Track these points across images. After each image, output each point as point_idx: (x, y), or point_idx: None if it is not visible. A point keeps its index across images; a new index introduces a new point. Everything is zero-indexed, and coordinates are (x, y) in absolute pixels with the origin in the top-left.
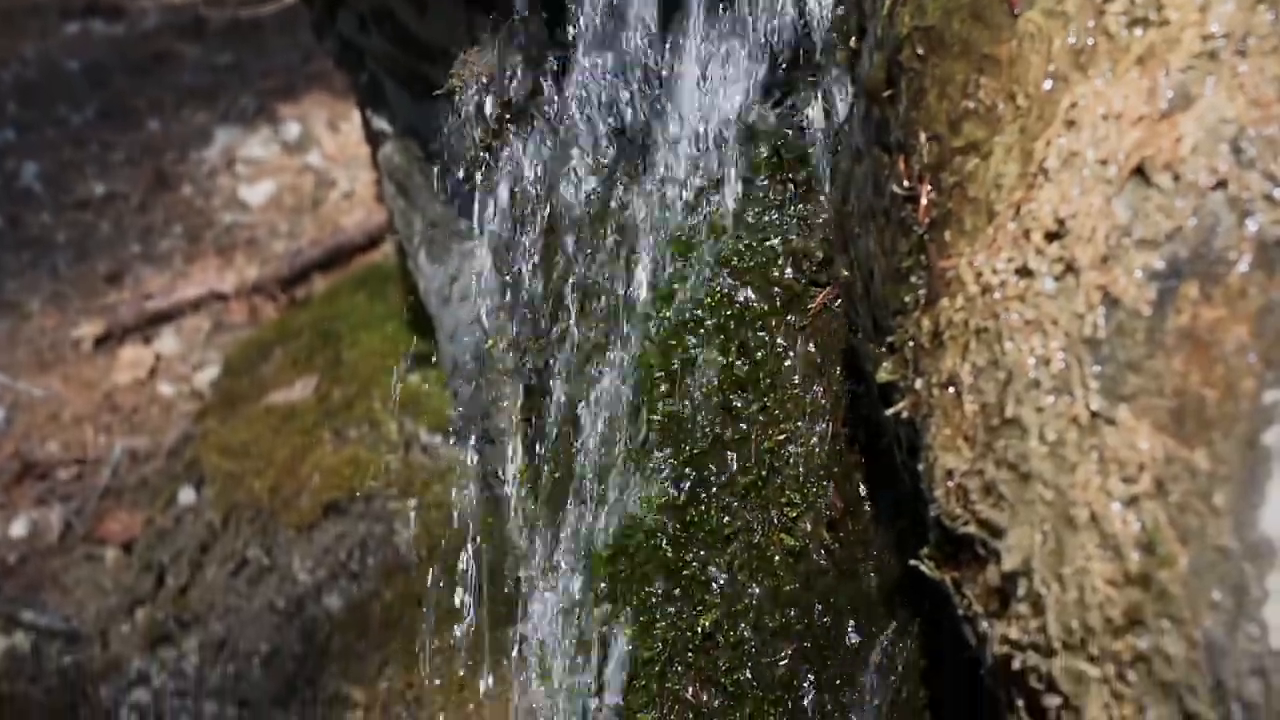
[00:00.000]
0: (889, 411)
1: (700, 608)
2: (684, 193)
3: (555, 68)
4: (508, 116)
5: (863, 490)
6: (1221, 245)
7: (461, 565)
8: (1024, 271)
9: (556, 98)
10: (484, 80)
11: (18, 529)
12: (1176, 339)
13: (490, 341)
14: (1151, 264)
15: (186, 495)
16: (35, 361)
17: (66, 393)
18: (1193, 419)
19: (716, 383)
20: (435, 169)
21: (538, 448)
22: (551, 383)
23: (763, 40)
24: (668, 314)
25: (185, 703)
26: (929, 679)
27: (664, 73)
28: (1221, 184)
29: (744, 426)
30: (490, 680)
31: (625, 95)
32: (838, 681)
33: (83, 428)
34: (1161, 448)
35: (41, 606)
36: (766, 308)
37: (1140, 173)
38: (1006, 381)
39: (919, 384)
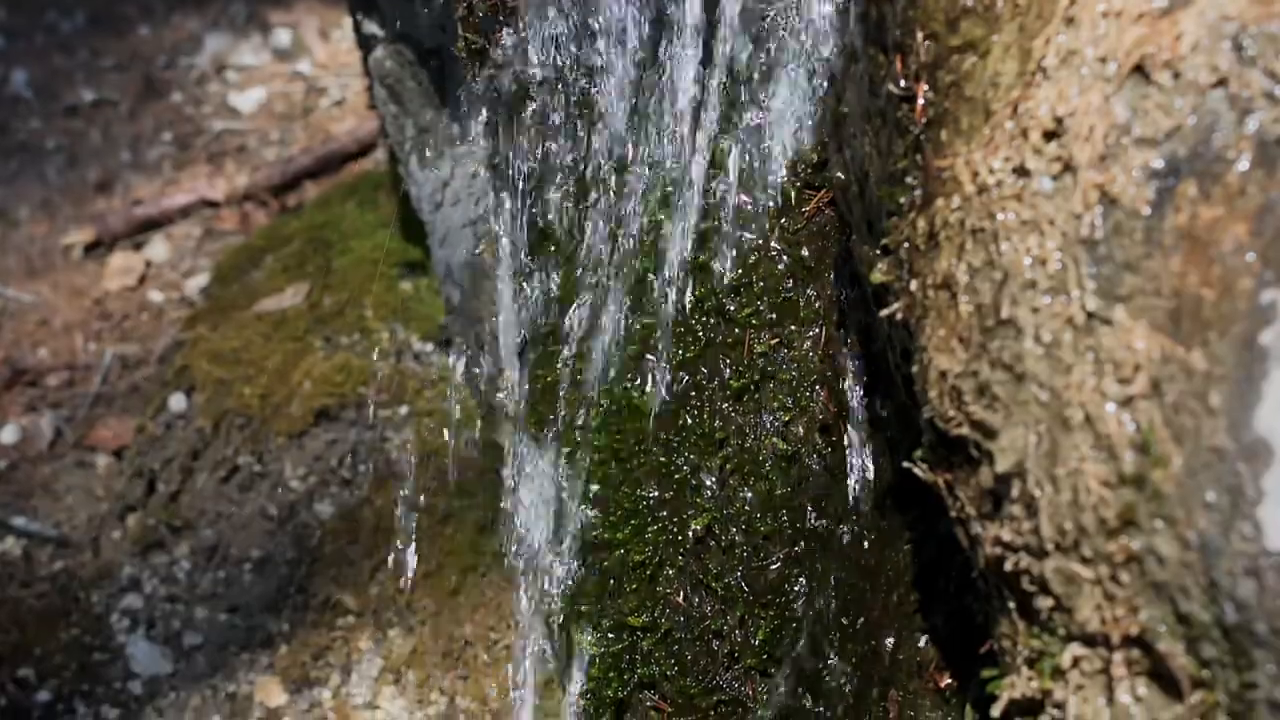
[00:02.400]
0: (883, 314)
1: (691, 512)
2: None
3: None
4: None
5: (855, 394)
6: (1221, 144)
7: (451, 471)
8: (1021, 171)
9: None
10: None
11: (8, 435)
12: (1174, 238)
13: (482, 246)
14: (1150, 163)
15: (177, 402)
16: (25, 269)
17: (56, 300)
18: (1189, 319)
19: (710, 286)
20: (428, 72)
21: (529, 353)
22: (544, 286)
23: None
24: (662, 217)
25: (176, 608)
26: (921, 583)
27: None
28: (1222, 82)
29: (737, 331)
30: (483, 586)
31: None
32: (829, 586)
33: (73, 335)
34: (1158, 348)
35: (32, 513)
36: (761, 211)
37: (1140, 71)
38: (1002, 282)
39: (913, 285)
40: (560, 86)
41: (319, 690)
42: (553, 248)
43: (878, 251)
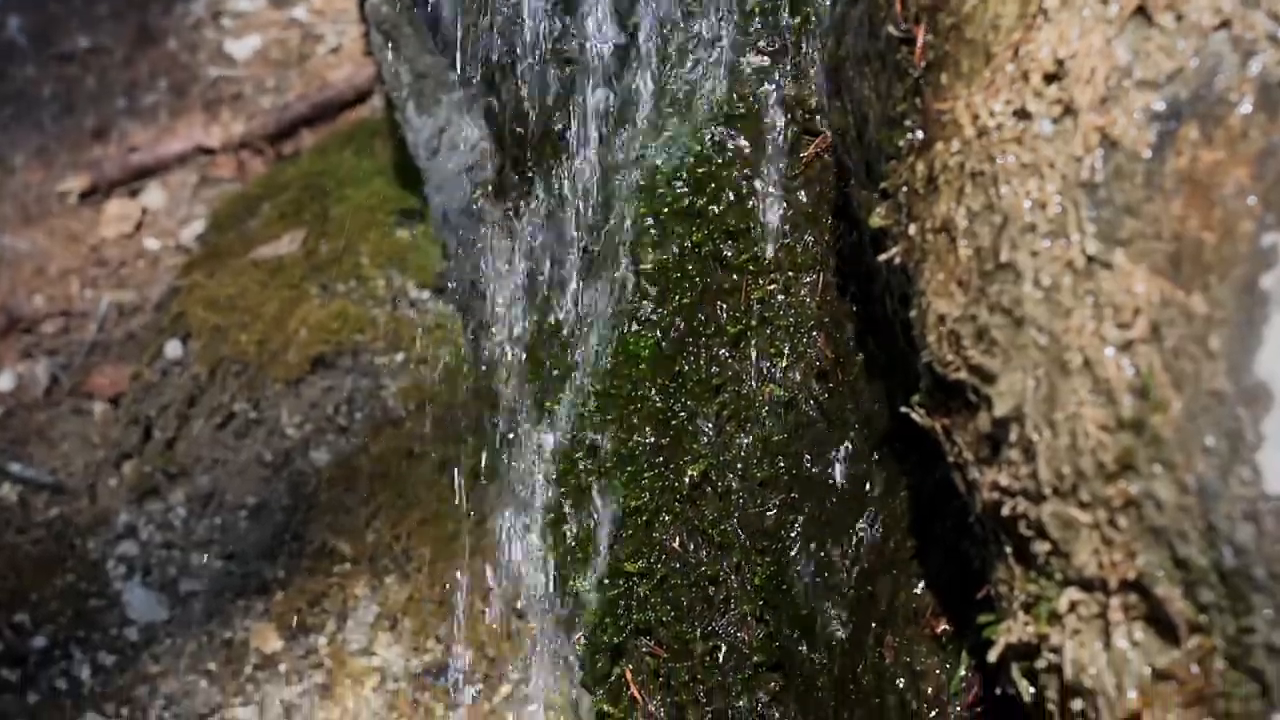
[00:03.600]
0: (881, 258)
1: (688, 458)
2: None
3: None
4: None
5: (853, 340)
6: (1223, 86)
7: (449, 418)
8: (1021, 114)
9: None
10: None
11: (4, 382)
12: (1175, 182)
13: (478, 192)
14: (1151, 105)
15: (173, 349)
16: (20, 215)
17: (52, 247)
18: (1190, 263)
19: (707, 231)
20: (424, 17)
21: (526, 299)
22: (541, 233)
23: None
24: (660, 161)
25: (172, 555)
26: (917, 529)
27: None
28: (1225, 24)
29: (734, 276)
30: (479, 534)
31: None
32: (825, 532)
33: (68, 282)
34: (1158, 292)
35: (28, 459)
36: (759, 156)
37: (1142, 12)
38: (1001, 225)
39: (912, 229)
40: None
41: (315, 637)
42: (548, 193)
43: (876, 196)
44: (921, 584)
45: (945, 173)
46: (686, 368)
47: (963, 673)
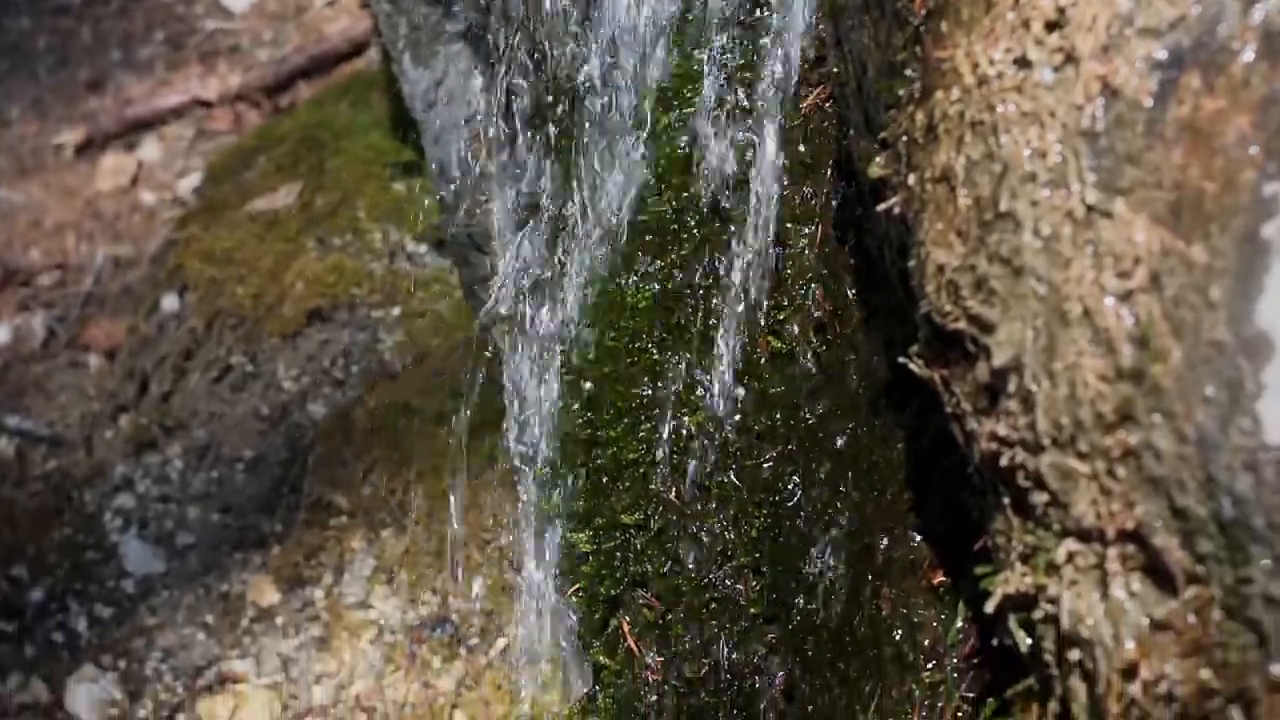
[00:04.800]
0: (880, 208)
1: (685, 409)
2: None
3: None
4: None
5: (851, 292)
6: (1225, 34)
7: (445, 372)
8: (1022, 62)
9: None
10: None
11: (0, 336)
12: (1176, 130)
13: (476, 144)
14: (1153, 53)
15: (169, 302)
16: (16, 168)
17: (48, 200)
18: (1191, 212)
19: (705, 183)
20: None
21: (523, 251)
22: (538, 185)
23: None
24: (657, 113)
25: (169, 508)
26: (914, 481)
27: None
28: None
29: (732, 228)
30: (476, 487)
31: None
32: (822, 484)
33: (65, 235)
34: (1158, 241)
35: (25, 412)
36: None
37: None
38: (1001, 175)
39: (911, 179)
40: None
41: (311, 590)
42: (544, 146)
43: (875, 145)
44: (919, 536)
45: (945, 122)
46: (683, 319)
47: (960, 624)
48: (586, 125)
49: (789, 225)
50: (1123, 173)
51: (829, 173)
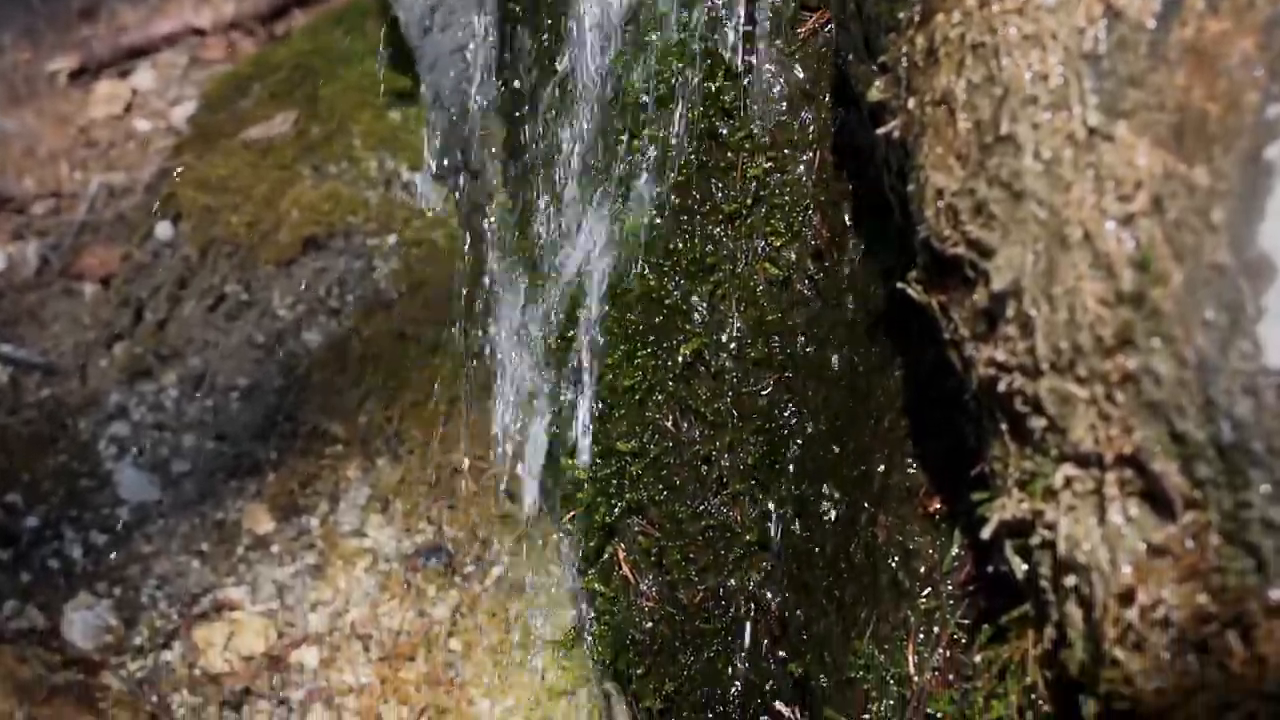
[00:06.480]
0: (879, 132)
1: (681, 337)
2: None
3: None
4: None
5: (849, 219)
6: None
7: (440, 300)
8: None
9: None
10: None
11: None
12: (1180, 52)
13: (472, 70)
14: None
15: (164, 230)
16: (9, 96)
17: (41, 127)
18: (1193, 134)
19: (702, 109)
20: None
21: (519, 179)
22: (535, 111)
23: None
24: (654, 38)
25: (164, 436)
26: (911, 408)
27: None
28: None
29: (729, 154)
30: (471, 416)
31: None
32: (819, 411)
33: (58, 163)
34: (1160, 164)
35: (19, 341)
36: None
37: None
38: (1002, 98)
39: (911, 103)
40: None
41: (307, 518)
42: (539, 71)
43: (875, 69)
44: (915, 463)
45: (945, 45)
46: (680, 246)
47: (955, 551)
48: (587, 50)
49: (787, 151)
50: (1125, 95)
51: (827, 98)
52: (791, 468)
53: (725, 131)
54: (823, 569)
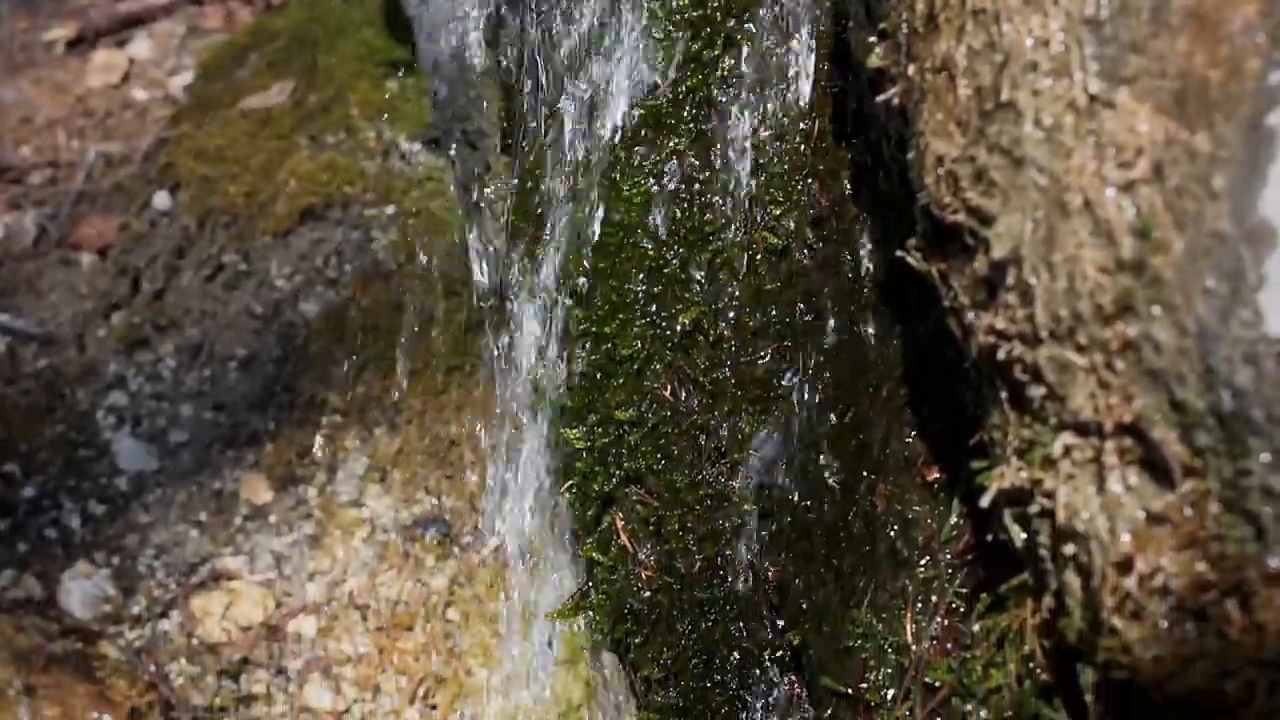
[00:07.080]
0: (879, 99)
1: (680, 306)
2: None
3: None
4: None
5: (849, 186)
6: None
7: (440, 271)
8: None
9: None
10: None
11: None
12: (1182, 18)
13: (470, 39)
14: None
15: (161, 200)
16: (6, 65)
17: (38, 96)
18: (1195, 101)
19: (701, 77)
20: None
21: (519, 149)
22: (534, 79)
23: None
24: (653, 6)
25: (162, 406)
26: (910, 376)
27: None
28: None
29: (715, 120)
30: (469, 386)
31: None
32: (817, 380)
33: (55, 132)
34: (1161, 131)
35: (17, 310)
36: None
37: None
38: (1003, 64)
39: (911, 69)
40: None
41: (305, 488)
42: (543, 36)
43: (874, 36)
44: (914, 431)
45: (946, 10)
46: (679, 214)
47: (954, 519)
48: (587, 17)
49: (786, 119)
50: (1126, 61)
51: (827, 65)
52: (790, 436)
53: (724, 99)
54: (822, 538)
